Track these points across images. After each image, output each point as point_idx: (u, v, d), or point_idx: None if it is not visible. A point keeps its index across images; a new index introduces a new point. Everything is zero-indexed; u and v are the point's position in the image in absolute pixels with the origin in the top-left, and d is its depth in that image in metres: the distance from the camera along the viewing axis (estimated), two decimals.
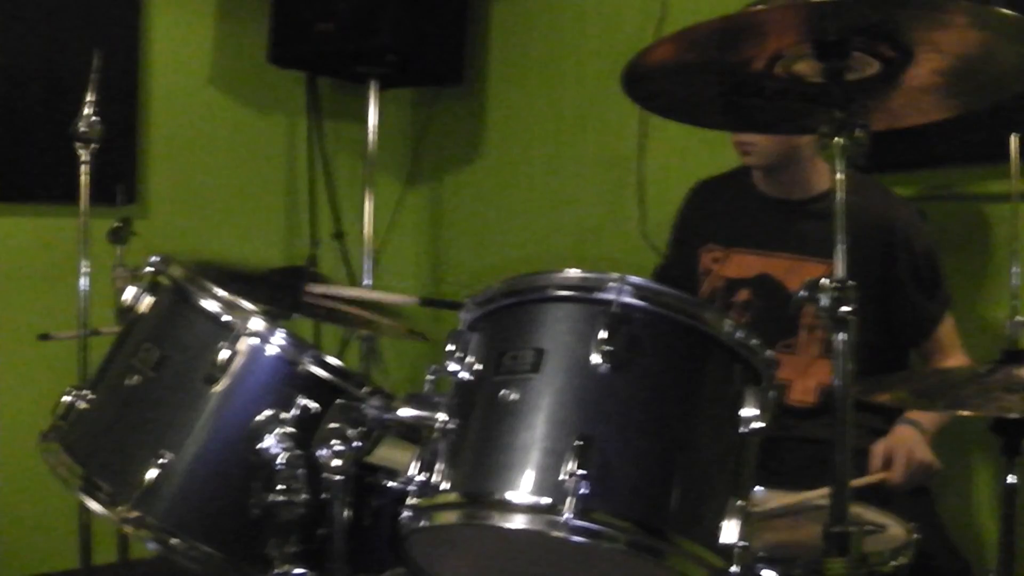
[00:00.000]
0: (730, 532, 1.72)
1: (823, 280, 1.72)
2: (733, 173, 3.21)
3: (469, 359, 1.86)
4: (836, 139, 1.77)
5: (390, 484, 2.22)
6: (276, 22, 4.49)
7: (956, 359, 2.94)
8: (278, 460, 2.08)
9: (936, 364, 2.94)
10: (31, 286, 4.17)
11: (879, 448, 2.69)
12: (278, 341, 2.16)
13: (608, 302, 1.78)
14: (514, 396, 1.76)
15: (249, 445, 2.10)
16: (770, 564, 1.97)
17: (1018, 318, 2.11)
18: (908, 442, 2.70)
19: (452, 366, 1.87)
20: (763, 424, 1.79)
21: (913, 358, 3.02)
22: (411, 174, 5.24)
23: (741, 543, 1.72)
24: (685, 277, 3.13)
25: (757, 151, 2.96)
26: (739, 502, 1.75)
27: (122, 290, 2.36)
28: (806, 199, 3.00)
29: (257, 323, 2.16)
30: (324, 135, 4.92)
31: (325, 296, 2.82)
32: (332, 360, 2.19)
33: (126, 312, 2.33)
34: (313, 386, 2.16)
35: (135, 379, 2.21)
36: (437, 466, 1.82)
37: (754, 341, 1.84)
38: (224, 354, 2.13)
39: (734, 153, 3.04)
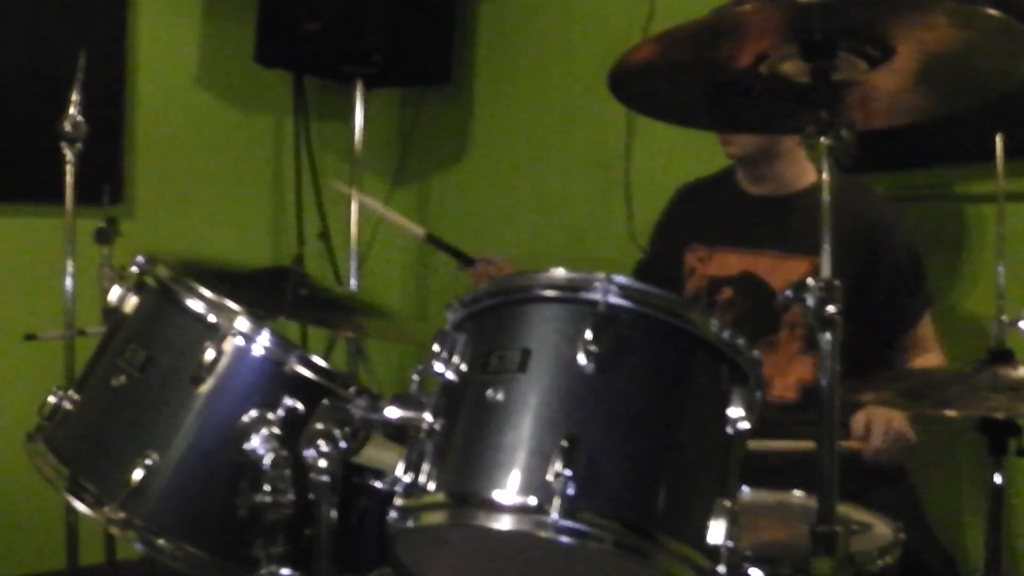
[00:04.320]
0: (717, 532, 1.72)
1: (809, 280, 1.73)
2: (718, 175, 3.23)
3: (455, 359, 1.86)
4: (822, 139, 1.78)
5: (377, 485, 2.22)
6: (262, 22, 4.49)
7: (932, 357, 2.94)
8: (264, 460, 2.08)
9: (912, 361, 2.95)
10: (16, 286, 4.17)
11: (860, 417, 2.68)
12: (264, 341, 2.16)
13: (594, 302, 1.78)
14: (500, 396, 1.76)
15: (235, 446, 2.10)
16: (757, 564, 1.97)
17: (1004, 317, 2.11)
18: (887, 413, 2.71)
19: (438, 366, 1.86)
20: (749, 424, 1.79)
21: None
22: (398, 174, 5.23)
23: (728, 543, 1.72)
24: (667, 277, 3.14)
25: (738, 143, 2.98)
26: (726, 502, 1.75)
27: (108, 290, 2.35)
28: (788, 195, 3.00)
29: (243, 323, 2.15)
30: (310, 135, 4.92)
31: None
32: (318, 360, 2.19)
33: (112, 312, 2.33)
34: (299, 386, 2.16)
35: (121, 379, 2.21)
36: (423, 466, 1.81)
37: (740, 341, 1.84)
38: (210, 354, 2.12)
39: (720, 153, 3.05)
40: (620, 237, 4.11)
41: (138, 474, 2.07)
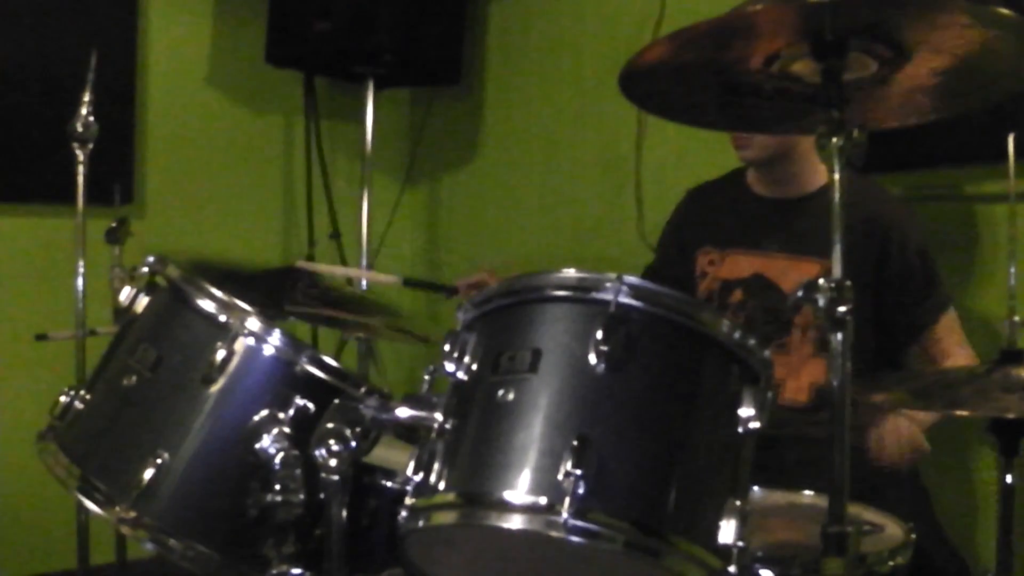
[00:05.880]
0: (728, 532, 1.72)
1: (820, 280, 1.72)
2: (727, 176, 3.22)
3: (466, 359, 1.86)
4: (834, 139, 1.77)
5: (387, 484, 2.22)
6: (273, 22, 4.49)
7: (956, 357, 2.92)
8: (275, 460, 2.08)
9: (937, 363, 2.94)
10: (28, 286, 4.18)
11: (872, 434, 2.76)
12: (275, 341, 2.16)
13: (605, 302, 1.78)
14: (511, 396, 1.76)
15: (246, 445, 2.10)
16: (768, 564, 1.97)
17: (1016, 318, 2.11)
18: (895, 424, 2.75)
19: (449, 366, 1.86)
20: (760, 424, 1.79)
21: (915, 356, 3.02)
22: (409, 174, 5.23)
23: (739, 543, 1.72)
24: (678, 279, 3.13)
25: (755, 145, 2.97)
26: (737, 502, 1.75)
27: (119, 290, 2.36)
28: (800, 197, 3.00)
29: (254, 323, 2.16)
30: (321, 135, 4.92)
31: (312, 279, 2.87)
32: (329, 360, 2.19)
33: (123, 312, 2.33)
34: (310, 386, 2.16)
35: (132, 379, 2.21)
36: (434, 466, 1.81)
37: (752, 341, 1.83)
38: (221, 354, 2.12)
39: (731, 153, 3.04)
40: (630, 237, 4.11)
41: (149, 474, 2.07)
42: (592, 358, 1.73)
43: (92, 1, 4.28)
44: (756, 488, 2.39)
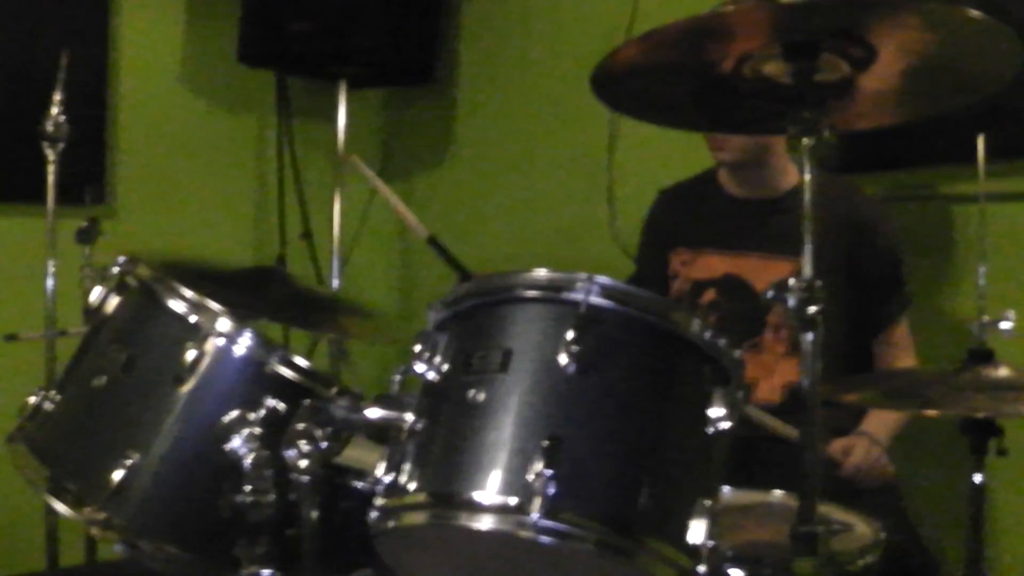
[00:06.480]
0: (698, 532, 1.72)
1: (791, 280, 1.73)
2: (699, 177, 3.23)
3: (437, 359, 1.85)
4: (804, 140, 1.78)
5: (359, 485, 2.22)
6: (246, 21, 4.47)
7: (905, 362, 2.96)
8: (245, 461, 2.08)
9: (884, 364, 2.97)
10: None
11: (840, 442, 2.78)
12: (246, 342, 2.15)
13: (576, 302, 1.78)
14: (482, 396, 1.75)
15: (217, 446, 2.09)
16: (738, 564, 1.97)
17: (985, 318, 2.12)
18: (866, 442, 2.77)
19: (420, 367, 1.86)
20: (731, 424, 1.79)
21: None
22: (381, 174, 5.14)
23: (709, 543, 1.72)
24: (658, 284, 3.14)
25: (731, 147, 2.98)
26: (707, 502, 1.75)
27: (90, 290, 2.35)
28: (774, 197, 3.01)
29: (224, 324, 2.15)
30: (293, 135, 4.90)
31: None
32: (300, 361, 2.19)
33: (93, 312, 2.32)
34: (281, 387, 2.15)
35: (102, 380, 2.20)
36: (405, 467, 1.81)
37: (723, 341, 1.84)
38: (191, 354, 2.12)
39: (704, 154, 3.05)
40: (603, 238, 4.11)
41: (119, 475, 2.06)
42: (563, 358, 1.73)
43: (64, 0, 4.26)
44: (726, 488, 2.39)
